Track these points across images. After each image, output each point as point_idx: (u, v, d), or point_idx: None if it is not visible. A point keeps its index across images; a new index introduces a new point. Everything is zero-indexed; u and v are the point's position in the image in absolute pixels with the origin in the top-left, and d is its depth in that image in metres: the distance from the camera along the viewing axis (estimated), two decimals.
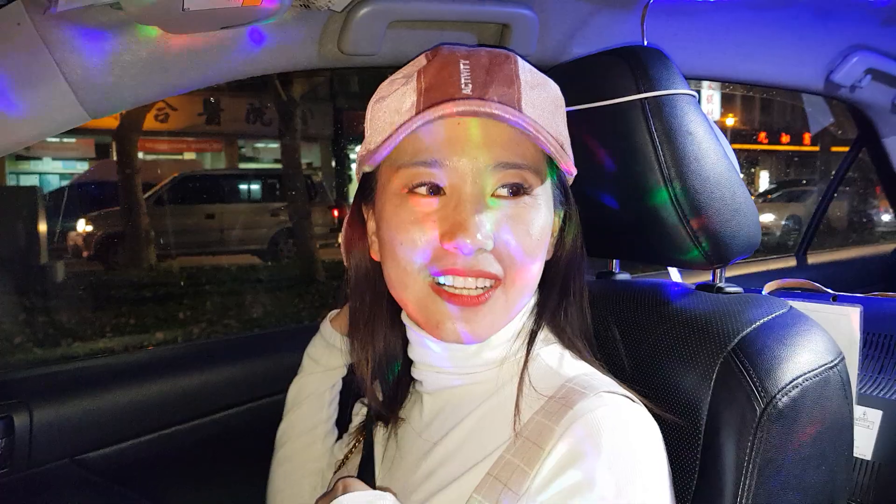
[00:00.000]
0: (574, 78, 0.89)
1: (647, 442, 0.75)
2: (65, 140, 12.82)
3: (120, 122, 8.44)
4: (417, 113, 0.77)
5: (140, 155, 10.07)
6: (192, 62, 1.11)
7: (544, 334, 0.88)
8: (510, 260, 0.79)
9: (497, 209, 0.78)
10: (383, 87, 0.85)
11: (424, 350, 0.88)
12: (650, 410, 0.80)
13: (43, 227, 6.34)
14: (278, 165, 11.27)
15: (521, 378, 0.82)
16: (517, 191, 0.79)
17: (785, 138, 20.63)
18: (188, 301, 7.14)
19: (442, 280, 0.79)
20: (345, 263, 0.96)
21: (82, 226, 9.10)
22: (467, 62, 0.80)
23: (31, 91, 0.99)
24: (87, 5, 0.94)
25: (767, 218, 13.24)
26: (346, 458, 1.04)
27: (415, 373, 0.92)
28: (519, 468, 0.74)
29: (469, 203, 0.76)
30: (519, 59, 0.83)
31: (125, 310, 6.74)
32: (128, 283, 7.94)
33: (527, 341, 0.86)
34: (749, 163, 19.52)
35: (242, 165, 14.75)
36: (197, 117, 13.03)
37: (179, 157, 14.59)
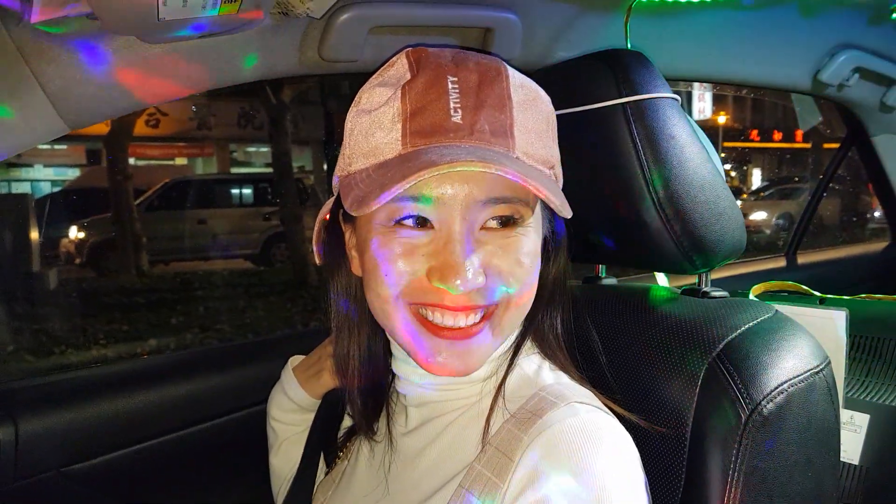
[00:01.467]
0: (556, 82, 0.89)
1: (616, 457, 0.73)
2: (56, 147, 12.78)
3: (110, 128, 8.41)
4: (404, 146, 0.74)
5: (131, 161, 10.05)
6: (170, 72, 1.10)
7: (527, 345, 0.87)
8: (502, 291, 0.77)
9: (487, 242, 0.76)
10: (364, 96, 0.80)
11: (409, 366, 0.87)
12: (631, 421, 0.79)
13: (35, 234, 6.33)
14: (270, 170, 11.24)
15: (497, 392, 0.81)
16: (507, 222, 0.77)
17: (777, 136, 20.66)
18: (181, 307, 7.13)
19: (430, 316, 0.77)
20: (317, 262, 0.95)
21: (74, 232, 9.07)
22: (455, 79, 0.75)
23: (7, 103, 0.98)
24: (63, 15, 0.92)
25: (759, 216, 13.23)
26: (334, 464, 1.04)
27: (399, 386, 0.91)
28: (491, 481, 0.74)
29: (459, 242, 0.73)
30: (510, 71, 0.80)
31: (118, 316, 6.72)
32: (120, 289, 7.93)
33: (511, 356, 0.85)
34: (740, 161, 19.55)
35: (234, 170, 14.71)
36: (188, 122, 13.00)
37: (171, 162, 14.56)
